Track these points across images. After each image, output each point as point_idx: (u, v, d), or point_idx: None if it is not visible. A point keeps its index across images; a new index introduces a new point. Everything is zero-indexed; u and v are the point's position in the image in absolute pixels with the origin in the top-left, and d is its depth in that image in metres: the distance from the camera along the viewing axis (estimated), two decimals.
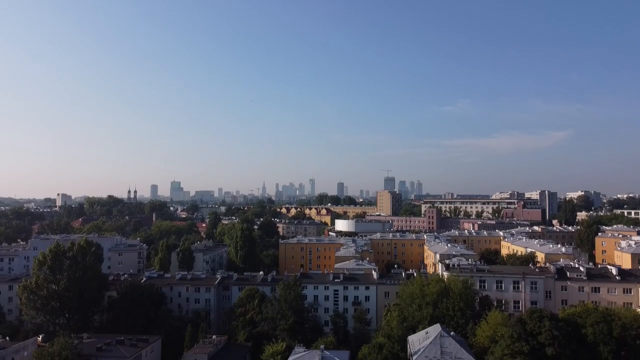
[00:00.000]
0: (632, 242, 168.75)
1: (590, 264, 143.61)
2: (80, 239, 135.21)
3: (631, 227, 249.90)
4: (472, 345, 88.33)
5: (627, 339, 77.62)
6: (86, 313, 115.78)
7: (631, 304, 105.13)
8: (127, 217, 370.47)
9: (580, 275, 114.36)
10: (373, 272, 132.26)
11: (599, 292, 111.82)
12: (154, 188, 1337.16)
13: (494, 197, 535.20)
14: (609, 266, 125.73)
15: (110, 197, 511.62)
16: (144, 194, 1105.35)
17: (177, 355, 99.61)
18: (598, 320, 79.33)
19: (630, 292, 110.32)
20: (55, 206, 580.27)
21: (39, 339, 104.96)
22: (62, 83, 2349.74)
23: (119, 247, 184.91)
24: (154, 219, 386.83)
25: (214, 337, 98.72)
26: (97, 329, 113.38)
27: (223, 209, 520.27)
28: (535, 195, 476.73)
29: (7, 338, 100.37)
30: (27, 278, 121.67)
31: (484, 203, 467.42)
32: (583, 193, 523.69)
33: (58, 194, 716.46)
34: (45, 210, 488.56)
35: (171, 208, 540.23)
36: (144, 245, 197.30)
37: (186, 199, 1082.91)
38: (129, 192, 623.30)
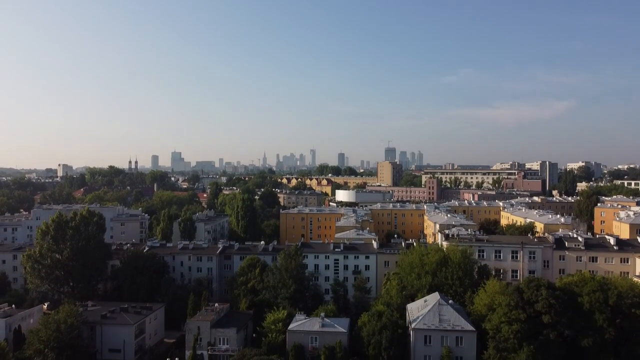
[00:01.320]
0: (631, 213, 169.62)
1: (589, 234, 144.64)
2: (83, 209, 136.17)
3: (631, 197, 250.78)
4: (469, 313, 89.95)
5: (623, 307, 78.88)
6: (90, 282, 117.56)
7: (628, 273, 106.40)
8: (128, 188, 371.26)
9: (579, 245, 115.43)
10: (373, 241, 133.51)
11: (596, 261, 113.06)
12: (155, 158, 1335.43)
13: (494, 167, 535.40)
14: (607, 236, 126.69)
15: (111, 167, 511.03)
16: (145, 164, 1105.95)
17: (180, 322, 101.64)
18: (594, 289, 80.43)
19: (628, 262, 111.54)
20: (57, 176, 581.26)
21: (45, 306, 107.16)
22: (63, 51, 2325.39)
23: (121, 217, 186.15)
24: (155, 189, 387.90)
25: (216, 305, 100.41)
26: (101, 297, 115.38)
27: (224, 179, 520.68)
28: (535, 165, 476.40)
29: (13, 306, 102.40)
30: (31, 247, 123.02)
31: (484, 174, 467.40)
32: (584, 164, 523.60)
33: (59, 165, 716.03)
34: (46, 180, 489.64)
35: (172, 178, 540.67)
36: (146, 215, 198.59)
37: (187, 169, 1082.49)
38: (130, 162, 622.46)
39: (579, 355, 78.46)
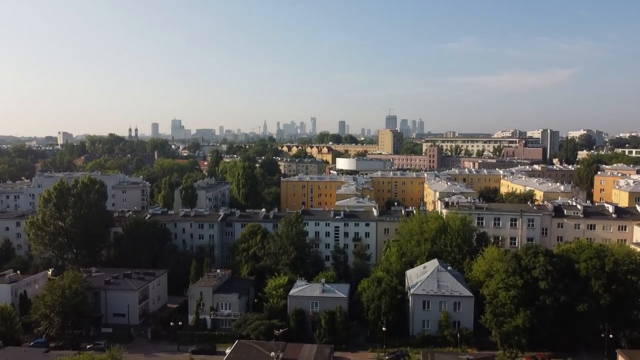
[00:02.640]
0: (631, 181, 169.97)
1: (588, 202, 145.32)
2: (84, 176, 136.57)
3: (631, 166, 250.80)
4: (468, 280, 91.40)
5: (619, 274, 79.99)
6: (93, 248, 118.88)
7: (625, 240, 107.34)
8: (129, 155, 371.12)
9: (577, 213, 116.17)
10: (373, 209, 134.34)
11: (594, 229, 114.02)
12: (155, 126, 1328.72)
13: (495, 135, 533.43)
14: (606, 204, 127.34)
15: (111, 135, 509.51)
16: (145, 132, 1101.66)
17: (183, 288, 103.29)
18: (591, 255, 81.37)
19: (625, 230, 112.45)
20: (57, 144, 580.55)
21: (49, 272, 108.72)
22: (63, 18, 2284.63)
23: (122, 185, 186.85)
24: (155, 157, 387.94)
25: (218, 271, 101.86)
26: (104, 264, 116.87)
27: (224, 147, 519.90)
28: (537, 134, 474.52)
29: (18, 272, 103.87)
30: (34, 215, 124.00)
31: (485, 142, 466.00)
32: (585, 132, 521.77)
33: (59, 132, 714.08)
34: (47, 148, 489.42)
35: (172, 146, 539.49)
36: (147, 183, 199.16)
37: (187, 137, 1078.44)
38: (130, 130, 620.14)
39: (574, 320, 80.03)
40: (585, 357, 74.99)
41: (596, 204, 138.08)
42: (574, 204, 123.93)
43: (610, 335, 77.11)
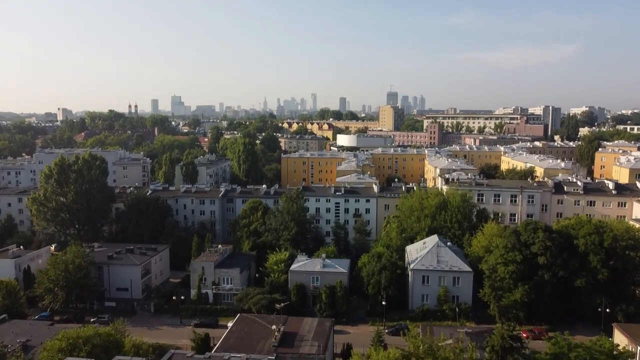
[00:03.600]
0: (632, 158, 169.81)
1: (588, 178, 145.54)
2: (84, 152, 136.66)
3: (632, 142, 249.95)
4: (467, 255, 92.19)
5: (617, 249, 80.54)
6: (95, 224, 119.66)
7: (624, 216, 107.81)
8: (129, 132, 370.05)
9: (577, 189, 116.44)
10: (374, 185, 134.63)
11: (594, 205, 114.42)
12: (155, 103, 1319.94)
13: (497, 112, 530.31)
14: (606, 181, 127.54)
15: (111, 111, 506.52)
16: (145, 108, 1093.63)
17: (185, 263, 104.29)
18: (590, 231, 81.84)
19: (625, 206, 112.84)
20: (57, 120, 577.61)
21: (52, 248, 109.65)
22: None
23: (123, 161, 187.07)
24: (156, 133, 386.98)
25: (219, 246, 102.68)
26: (106, 239, 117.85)
27: (225, 123, 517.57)
28: (539, 110, 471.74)
29: (22, 247, 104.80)
30: (35, 191, 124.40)
31: (486, 118, 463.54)
32: (587, 109, 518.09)
33: (59, 109, 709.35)
34: (47, 124, 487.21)
35: (173, 123, 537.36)
36: (148, 159, 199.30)
37: (187, 113, 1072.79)
38: (130, 106, 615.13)
39: (572, 295, 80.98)
40: (582, 330, 75.87)
41: (596, 181, 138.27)
42: (574, 180, 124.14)
43: (607, 310, 78.09)
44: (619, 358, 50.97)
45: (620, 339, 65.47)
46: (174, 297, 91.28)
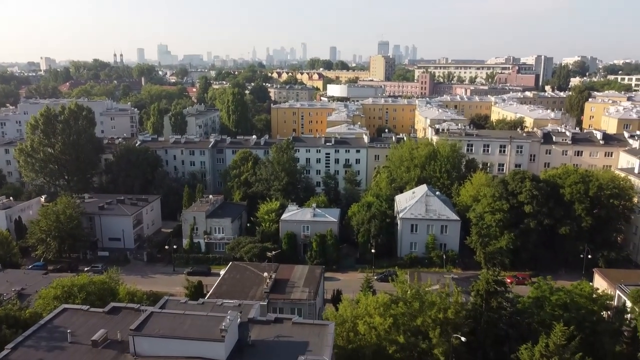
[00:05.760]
0: (621, 108, 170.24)
1: (577, 129, 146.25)
2: (70, 103, 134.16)
3: (622, 93, 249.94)
4: (455, 204, 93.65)
5: (602, 198, 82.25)
6: (85, 175, 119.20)
7: (610, 166, 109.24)
8: (115, 82, 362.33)
9: (566, 140, 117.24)
10: (364, 136, 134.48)
11: (581, 155, 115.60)
12: (141, 52, 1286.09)
13: (489, 62, 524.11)
14: (594, 131, 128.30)
15: (96, 60, 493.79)
16: (131, 57, 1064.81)
17: (176, 213, 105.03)
18: (576, 180, 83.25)
19: (612, 156, 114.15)
20: (40, 70, 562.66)
21: (42, 199, 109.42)
22: None
23: (110, 112, 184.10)
24: (143, 83, 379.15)
25: (210, 196, 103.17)
26: (97, 190, 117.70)
27: (213, 73, 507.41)
28: (531, 60, 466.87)
29: (11, 198, 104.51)
30: (22, 142, 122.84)
31: (478, 68, 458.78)
32: (579, 58, 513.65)
33: (41, 58, 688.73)
34: (30, 74, 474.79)
35: (160, 72, 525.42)
36: (135, 109, 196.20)
37: (174, 63, 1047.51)
38: (115, 55, 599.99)
39: (556, 242, 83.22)
40: (565, 276, 78.61)
41: (585, 131, 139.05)
42: (563, 130, 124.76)
43: (589, 256, 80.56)
44: (597, 301, 53.01)
45: (600, 283, 67.91)
46: (166, 247, 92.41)
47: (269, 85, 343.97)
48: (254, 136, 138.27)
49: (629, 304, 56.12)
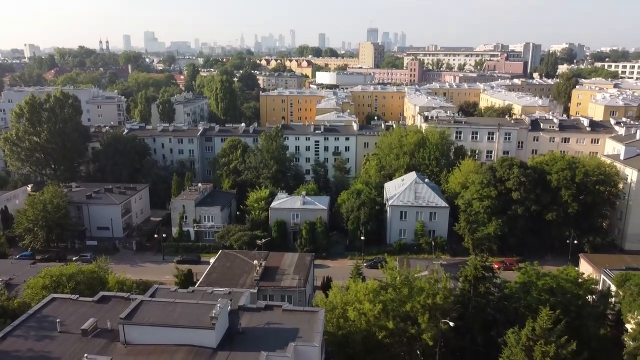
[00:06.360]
0: (607, 95, 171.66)
1: (565, 116, 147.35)
2: (56, 90, 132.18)
3: (609, 80, 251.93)
4: (444, 191, 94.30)
5: (588, 184, 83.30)
6: (72, 164, 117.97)
7: (597, 152, 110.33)
8: (101, 69, 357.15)
9: (553, 127, 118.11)
10: (353, 123, 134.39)
11: (568, 142, 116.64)
12: (127, 38, 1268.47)
13: (477, 49, 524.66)
14: (581, 118, 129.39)
15: (81, 47, 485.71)
16: (117, 44, 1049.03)
17: (165, 202, 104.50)
18: (563, 167, 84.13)
19: (598, 142, 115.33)
20: (24, 57, 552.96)
21: (29, 188, 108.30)
22: None
23: (97, 99, 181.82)
24: (129, 70, 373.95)
25: (199, 184, 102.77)
26: (84, 179, 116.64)
27: (201, 60, 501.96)
28: (519, 47, 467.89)
29: None
30: (7, 130, 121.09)
31: (467, 55, 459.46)
32: (567, 45, 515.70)
33: (25, 45, 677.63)
34: (14, 61, 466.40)
35: (147, 59, 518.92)
36: (122, 97, 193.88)
37: (161, 50, 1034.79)
38: (101, 42, 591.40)
39: (543, 228, 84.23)
40: (551, 261, 79.75)
41: (572, 118, 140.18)
42: (551, 117, 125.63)
43: (575, 241, 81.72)
44: (583, 285, 53.87)
45: (585, 268, 69.01)
46: (155, 235, 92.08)
47: (258, 72, 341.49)
48: (243, 124, 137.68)
49: (613, 288, 57.17)
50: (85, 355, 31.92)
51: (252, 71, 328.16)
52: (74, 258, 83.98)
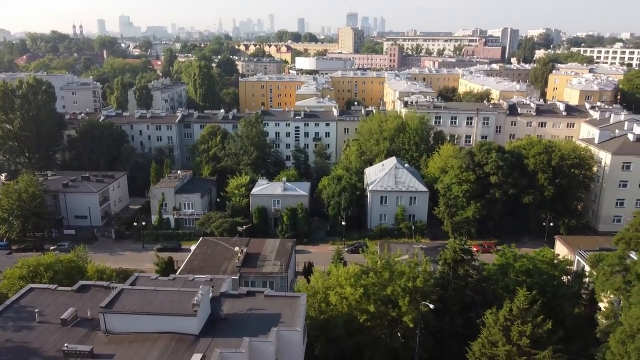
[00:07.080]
0: (583, 80, 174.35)
1: (542, 100, 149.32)
2: (28, 77, 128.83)
3: (585, 65, 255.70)
4: (424, 176, 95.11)
5: (563, 168, 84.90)
6: (47, 152, 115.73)
7: (572, 137, 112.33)
8: (75, 55, 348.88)
9: (530, 111, 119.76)
10: (333, 109, 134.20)
11: (545, 126, 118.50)
12: (101, 23, 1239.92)
13: (456, 34, 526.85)
14: (557, 103, 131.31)
15: (54, 32, 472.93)
16: (91, 29, 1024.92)
17: (144, 190, 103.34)
18: (540, 151, 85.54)
19: (573, 127, 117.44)
20: None
21: (2, 177, 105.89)
22: None
23: (72, 86, 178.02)
24: (105, 56, 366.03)
25: (179, 172, 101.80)
26: (60, 168, 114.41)
27: (178, 45, 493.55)
28: (497, 32, 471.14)
29: None
30: None
31: (446, 41, 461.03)
32: (544, 31, 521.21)
33: None
34: None
35: (122, 45, 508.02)
36: (98, 83, 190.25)
37: (137, 35, 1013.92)
38: (74, 27, 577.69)
39: (520, 211, 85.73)
40: (528, 243, 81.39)
41: (548, 103, 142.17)
42: (528, 102, 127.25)
43: (551, 224, 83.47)
44: (558, 266, 55.15)
45: (561, 249, 70.66)
46: (135, 223, 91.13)
47: (236, 58, 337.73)
48: (222, 110, 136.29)
49: (587, 268, 58.63)
50: (65, 344, 31.68)
51: (231, 56, 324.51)
52: (52, 247, 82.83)
